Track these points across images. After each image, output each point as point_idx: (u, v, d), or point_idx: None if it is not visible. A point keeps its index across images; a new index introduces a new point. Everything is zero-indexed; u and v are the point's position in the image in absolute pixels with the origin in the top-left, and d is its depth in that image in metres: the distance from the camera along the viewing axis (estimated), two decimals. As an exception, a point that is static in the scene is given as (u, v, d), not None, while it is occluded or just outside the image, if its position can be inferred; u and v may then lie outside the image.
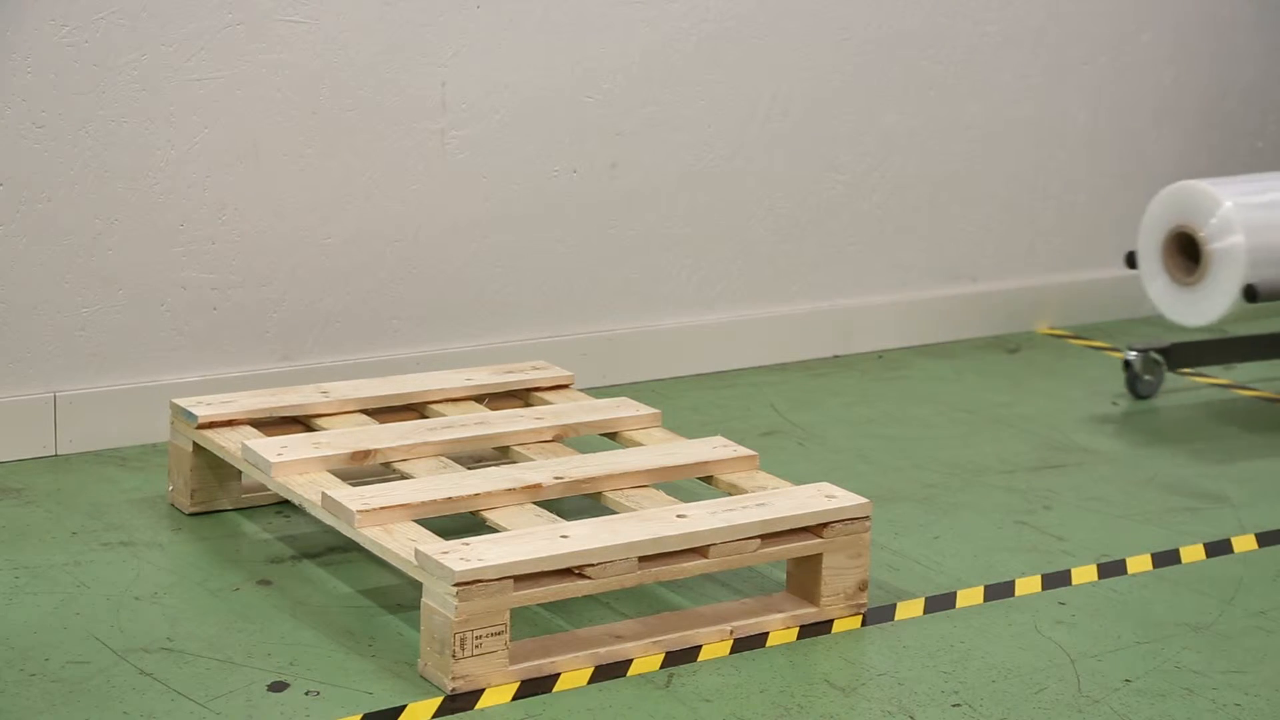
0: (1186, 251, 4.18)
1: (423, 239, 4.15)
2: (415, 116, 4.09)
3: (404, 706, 2.84)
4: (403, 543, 3.01)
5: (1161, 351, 4.44)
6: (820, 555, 3.16)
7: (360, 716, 2.81)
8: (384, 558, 3.03)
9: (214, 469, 3.53)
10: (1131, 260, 4.30)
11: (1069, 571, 3.45)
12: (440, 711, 2.83)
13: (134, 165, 3.81)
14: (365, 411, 3.63)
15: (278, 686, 2.88)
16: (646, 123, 4.38)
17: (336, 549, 3.41)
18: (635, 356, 4.44)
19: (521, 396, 3.79)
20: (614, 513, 3.21)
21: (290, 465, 3.29)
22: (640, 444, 3.51)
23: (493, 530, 3.14)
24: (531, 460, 3.40)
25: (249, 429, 3.51)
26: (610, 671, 2.97)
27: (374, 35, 4.01)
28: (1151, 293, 4.24)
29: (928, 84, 4.76)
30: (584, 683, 2.93)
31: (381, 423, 3.58)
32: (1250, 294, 4.04)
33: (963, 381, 4.55)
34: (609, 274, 4.38)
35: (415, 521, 3.12)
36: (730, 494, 3.33)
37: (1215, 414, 4.43)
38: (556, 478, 3.27)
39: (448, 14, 4.08)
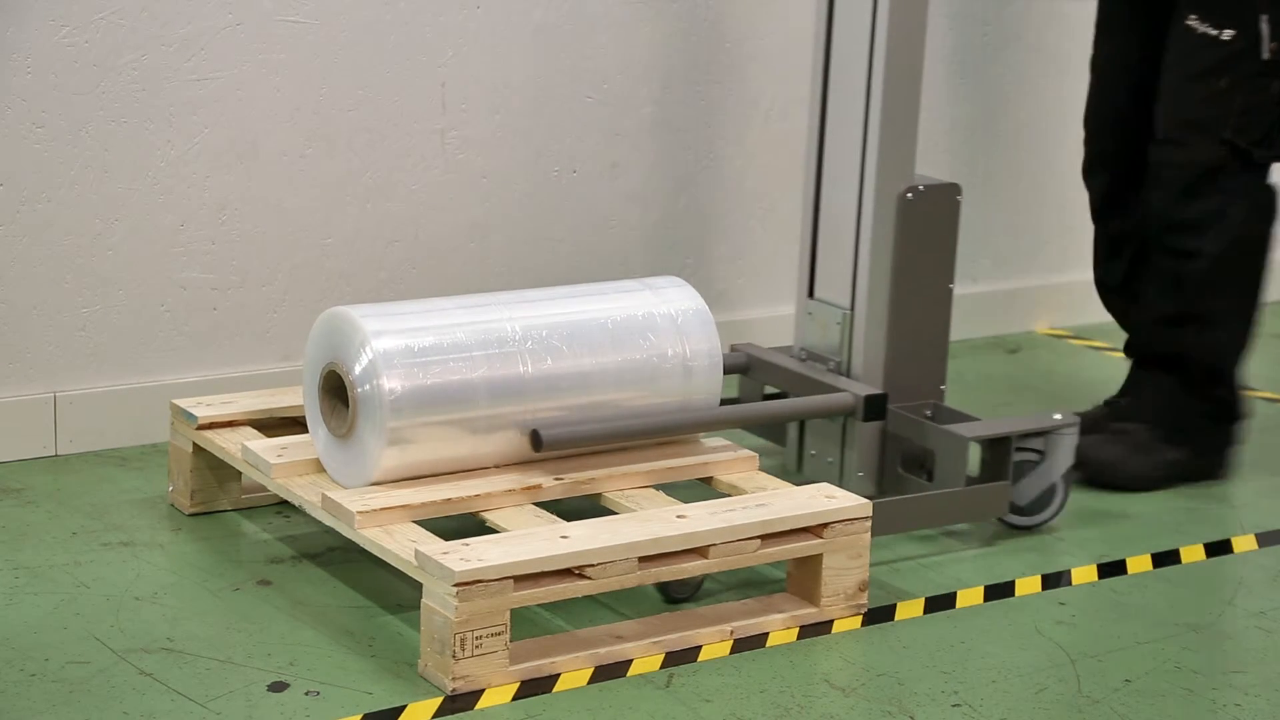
0: (341, 395, 3.24)
1: (423, 239, 4.15)
2: (415, 116, 4.09)
3: (404, 707, 2.84)
4: (403, 543, 3.01)
5: None
6: (820, 555, 3.16)
7: (360, 716, 2.81)
8: (384, 558, 3.03)
9: (214, 469, 3.53)
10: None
11: (1069, 571, 3.45)
12: (440, 712, 2.83)
13: (134, 165, 3.81)
14: (365, 412, 3.63)
15: (278, 686, 2.88)
16: (646, 123, 4.38)
17: (336, 549, 3.41)
18: (635, 356, 4.44)
19: (521, 396, 3.79)
20: (614, 513, 3.21)
21: (290, 466, 3.29)
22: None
23: (493, 531, 3.14)
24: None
25: (249, 430, 3.50)
26: (610, 672, 2.97)
27: (374, 35, 4.01)
28: (317, 447, 3.29)
29: (926, 84, 4.76)
30: (584, 683, 2.93)
31: (381, 423, 3.58)
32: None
33: (962, 381, 4.55)
34: (609, 275, 4.38)
35: (415, 522, 3.12)
36: (730, 494, 3.33)
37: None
38: (556, 478, 3.27)
39: (448, 14, 4.08)
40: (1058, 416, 3.60)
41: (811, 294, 3.80)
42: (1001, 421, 3.61)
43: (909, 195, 3.59)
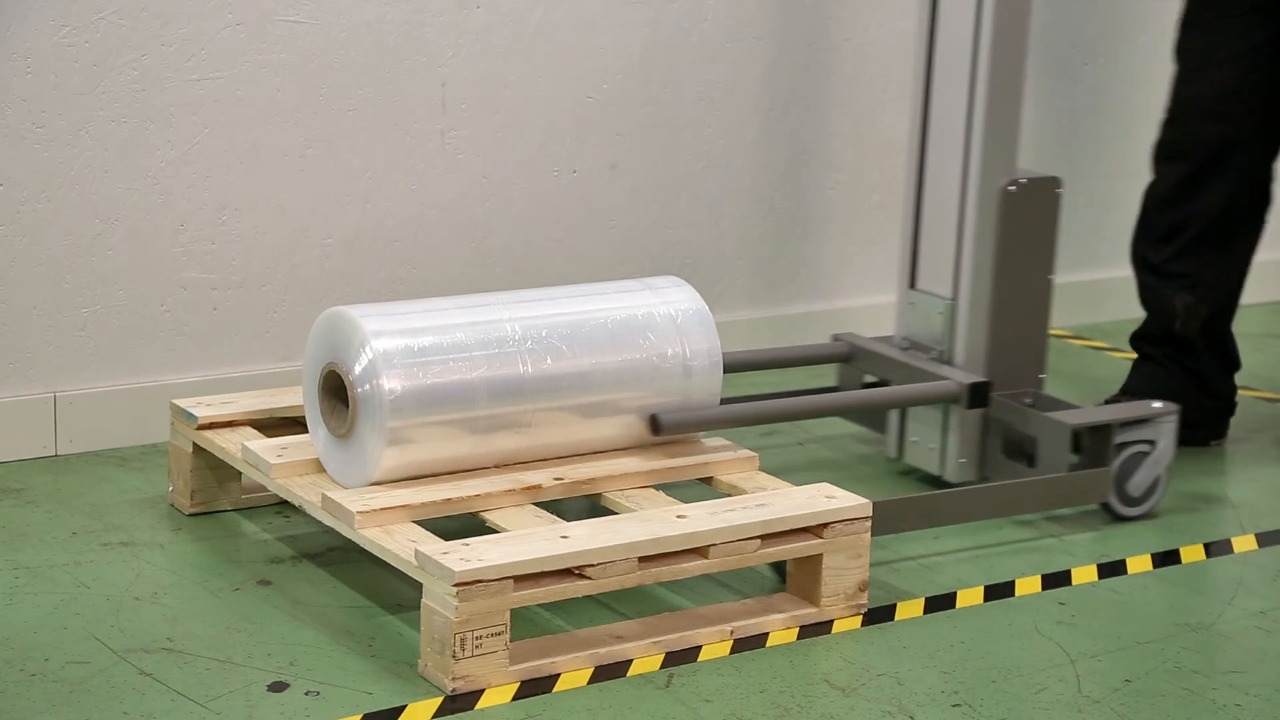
0: (340, 395, 3.24)
1: (423, 239, 4.15)
2: (415, 116, 4.09)
3: (404, 707, 2.84)
4: (403, 543, 3.01)
5: None
6: (820, 556, 3.16)
7: (360, 716, 2.81)
8: (384, 558, 3.03)
9: (214, 470, 3.53)
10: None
11: (1069, 571, 3.45)
12: (440, 712, 2.83)
13: (134, 165, 3.81)
14: (365, 412, 3.63)
15: (278, 686, 2.88)
16: (646, 123, 4.38)
17: (336, 549, 3.41)
18: (635, 356, 4.44)
19: (521, 397, 3.79)
20: (614, 513, 3.21)
21: (290, 466, 3.29)
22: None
23: (493, 531, 3.14)
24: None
25: (249, 430, 3.50)
26: (610, 672, 2.97)
27: (374, 35, 4.01)
28: (317, 447, 3.29)
29: (928, 84, 4.76)
30: (584, 683, 2.93)
31: (381, 423, 3.58)
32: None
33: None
34: (609, 275, 4.38)
35: (415, 522, 3.12)
36: (730, 494, 3.33)
37: (1215, 414, 4.42)
38: (556, 478, 3.27)
39: (448, 14, 4.08)
40: (1157, 405, 3.71)
41: (913, 285, 3.89)
42: (1102, 409, 3.75)
43: (1011, 188, 3.68)
